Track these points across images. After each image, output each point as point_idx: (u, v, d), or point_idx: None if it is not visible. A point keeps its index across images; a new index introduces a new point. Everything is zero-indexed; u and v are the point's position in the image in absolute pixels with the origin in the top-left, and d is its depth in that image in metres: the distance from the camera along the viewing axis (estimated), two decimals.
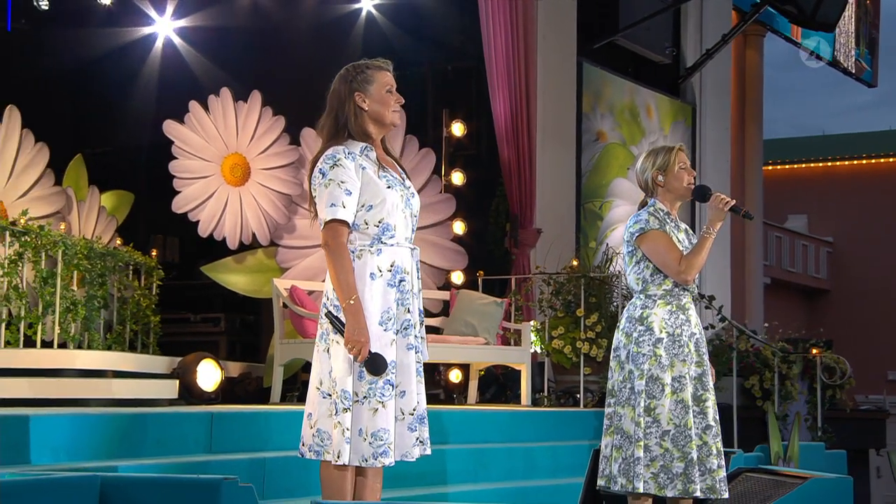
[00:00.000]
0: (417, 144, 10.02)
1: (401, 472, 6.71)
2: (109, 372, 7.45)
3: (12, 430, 5.17)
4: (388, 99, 4.50)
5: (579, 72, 11.99)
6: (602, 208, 12.38)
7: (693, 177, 5.45)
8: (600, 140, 12.34)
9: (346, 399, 4.22)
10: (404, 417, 4.34)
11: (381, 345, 4.26)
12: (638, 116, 13.06)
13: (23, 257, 8.21)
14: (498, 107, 10.77)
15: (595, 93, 12.36)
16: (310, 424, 4.33)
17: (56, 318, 8.51)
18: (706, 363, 5.31)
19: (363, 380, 4.23)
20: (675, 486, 5.13)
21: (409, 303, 4.43)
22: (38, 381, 6.83)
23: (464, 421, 7.86)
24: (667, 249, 5.26)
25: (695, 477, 5.13)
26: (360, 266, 4.32)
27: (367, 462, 4.25)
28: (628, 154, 12.83)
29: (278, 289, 8.79)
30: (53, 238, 8.47)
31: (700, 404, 5.25)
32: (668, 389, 5.17)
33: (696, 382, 5.25)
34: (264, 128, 9.47)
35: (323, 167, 4.35)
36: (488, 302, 9.73)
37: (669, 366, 5.19)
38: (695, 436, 5.18)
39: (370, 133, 4.47)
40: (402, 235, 4.46)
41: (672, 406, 5.16)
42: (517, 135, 10.81)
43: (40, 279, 8.37)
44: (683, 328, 5.26)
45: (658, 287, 5.29)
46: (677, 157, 5.43)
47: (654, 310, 5.26)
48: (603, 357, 10.02)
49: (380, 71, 4.52)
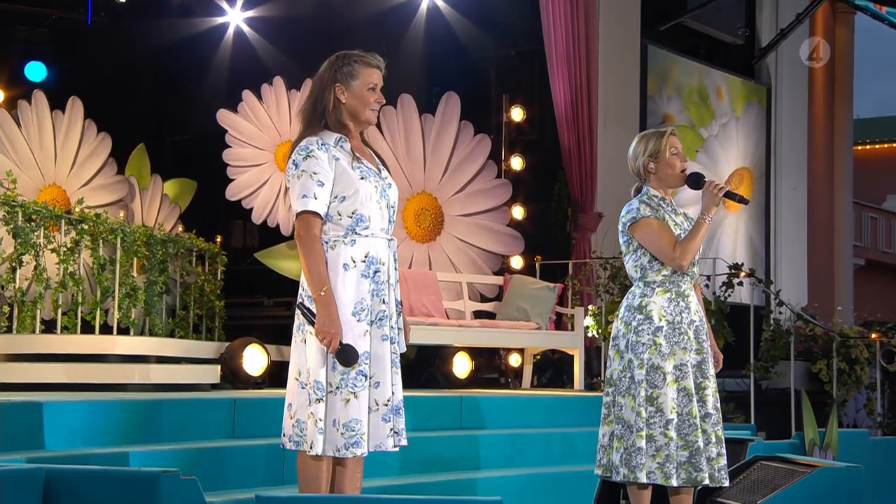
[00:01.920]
0: (472, 130, 10.09)
1: (432, 457, 6.86)
2: (152, 357, 7.63)
3: (29, 415, 5.30)
4: (368, 97, 4.47)
5: (644, 54, 11.92)
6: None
7: (685, 162, 5.38)
8: (666, 123, 12.25)
9: (319, 390, 4.26)
10: (378, 408, 4.35)
11: (354, 335, 4.27)
12: (707, 98, 12.93)
13: (79, 245, 8.46)
14: (558, 91, 10.77)
15: (661, 75, 12.28)
16: (290, 415, 4.35)
17: (115, 304, 8.78)
18: (706, 350, 5.24)
19: (336, 371, 4.26)
20: (680, 475, 5.09)
21: (384, 293, 4.40)
22: (74, 366, 7.01)
23: (502, 406, 7.90)
24: (660, 236, 5.20)
25: (702, 465, 5.09)
26: (334, 257, 4.32)
27: (339, 452, 4.27)
28: (697, 136, 12.71)
29: None
30: (111, 226, 8.71)
31: (700, 392, 5.20)
32: (670, 378, 5.12)
33: (695, 370, 5.19)
34: None
35: (296, 158, 4.36)
36: (541, 287, 9.78)
37: (670, 354, 5.14)
38: (699, 424, 5.17)
39: (346, 125, 4.46)
40: (377, 226, 4.43)
41: (674, 395, 5.11)
42: (577, 119, 10.80)
43: (97, 266, 8.62)
44: (683, 315, 5.21)
45: (657, 274, 5.23)
46: (669, 142, 5.34)
47: (654, 298, 5.21)
48: None
49: (367, 67, 4.49)
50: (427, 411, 7.36)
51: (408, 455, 6.72)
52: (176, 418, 5.98)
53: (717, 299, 9.82)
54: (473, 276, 10.04)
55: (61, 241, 8.32)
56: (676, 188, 5.48)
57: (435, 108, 10.18)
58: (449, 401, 7.58)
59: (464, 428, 7.49)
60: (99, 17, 12.77)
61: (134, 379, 7.12)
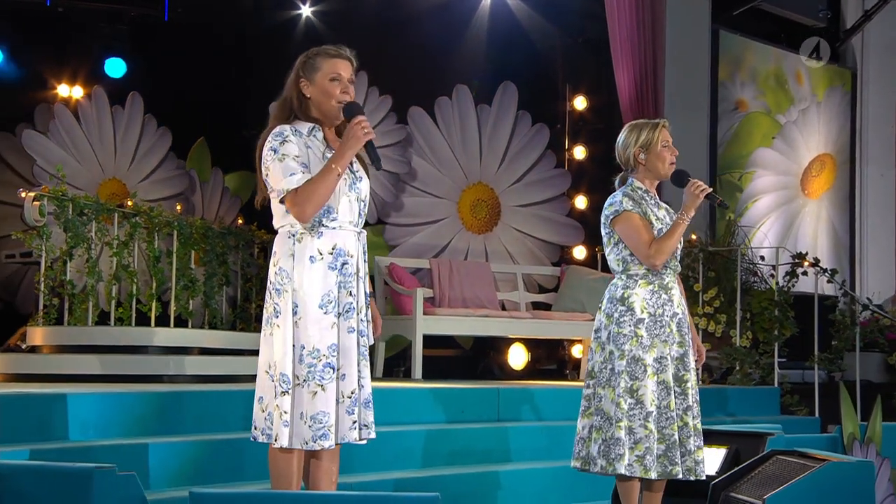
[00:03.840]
0: (530, 120, 10.02)
1: (461, 449, 6.83)
2: (195, 349, 7.73)
3: (49, 406, 5.39)
4: (331, 88, 4.39)
5: (714, 40, 11.69)
6: (742, 179, 12.05)
7: (675, 156, 5.29)
8: (740, 109, 12.01)
9: (284, 382, 4.24)
10: (343, 400, 4.31)
11: (320, 327, 4.25)
12: (786, 83, 12.63)
13: (133, 238, 8.63)
14: (622, 78, 10.62)
15: (734, 60, 12.03)
16: (261, 408, 4.33)
17: (172, 296, 8.94)
18: (688, 343, 5.20)
19: (303, 363, 4.24)
20: (657, 467, 5.06)
21: (351, 286, 4.36)
22: (109, 357, 7.13)
23: (543, 398, 7.82)
24: (638, 233, 5.14)
25: (676, 459, 5.07)
26: (300, 249, 4.30)
27: (307, 445, 4.24)
28: (774, 123, 12.43)
29: (379, 266, 8.98)
30: (166, 218, 8.87)
31: (681, 385, 5.16)
32: (651, 370, 5.09)
33: (677, 363, 5.15)
34: (371, 108, 9.64)
35: (273, 144, 4.31)
36: (597, 278, 9.67)
37: (651, 346, 5.11)
38: (676, 417, 5.12)
39: (316, 118, 4.43)
40: (345, 218, 4.39)
41: (654, 387, 5.08)
42: (642, 106, 10.63)
43: (153, 258, 8.78)
44: (665, 308, 5.15)
45: (639, 266, 5.18)
46: (661, 134, 5.27)
47: (636, 290, 5.16)
48: (722, 332, 9.84)
49: (328, 59, 4.42)
50: (462, 403, 7.34)
51: (435, 447, 6.75)
52: (195, 410, 6.00)
53: (781, 289, 9.60)
54: (529, 267, 9.98)
55: (114, 235, 8.49)
56: (661, 180, 5.40)
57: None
58: (486, 392, 7.53)
59: (501, 420, 7.44)
60: (175, 12, 12.97)
61: (175, 370, 7.20)
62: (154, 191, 9.46)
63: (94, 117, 10.47)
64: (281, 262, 4.35)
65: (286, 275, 4.32)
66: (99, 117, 10.41)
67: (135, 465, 5.31)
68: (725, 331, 9.78)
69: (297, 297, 4.29)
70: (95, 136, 10.43)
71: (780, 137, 12.55)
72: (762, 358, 9.63)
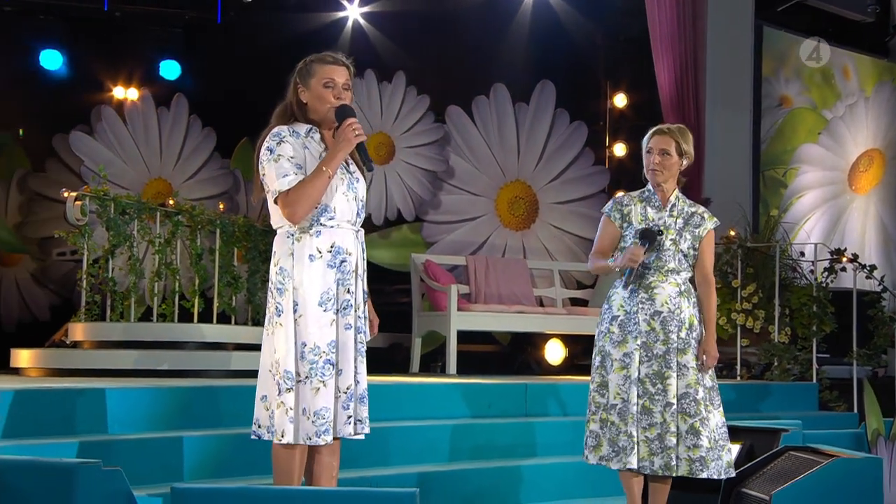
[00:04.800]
0: (568, 118, 10.10)
1: (487, 444, 6.92)
2: (230, 344, 7.90)
3: (84, 400, 5.57)
4: (325, 94, 4.51)
5: (758, 36, 11.67)
6: (786, 175, 12.02)
7: (654, 164, 5.49)
8: (784, 105, 11.98)
9: (288, 379, 4.35)
10: (339, 395, 4.43)
11: (320, 324, 4.36)
12: (832, 79, 12.56)
13: (175, 236, 8.83)
14: (662, 74, 10.65)
15: (778, 56, 12.00)
16: (264, 406, 4.45)
17: (215, 293, 9.14)
18: (674, 341, 5.30)
19: (304, 360, 4.36)
20: (620, 459, 5.28)
21: (349, 283, 4.47)
22: (147, 352, 7.31)
23: (571, 393, 7.88)
24: (598, 236, 5.53)
25: (634, 452, 5.26)
26: (300, 248, 4.41)
27: (310, 440, 4.36)
28: (819, 118, 12.38)
29: (415, 263, 9.12)
30: (208, 216, 9.06)
31: (662, 381, 5.28)
32: (617, 365, 5.30)
33: (660, 360, 5.28)
34: (409, 107, 9.78)
35: (270, 144, 4.44)
36: None
37: (621, 342, 5.31)
38: (648, 413, 5.26)
39: (314, 122, 4.55)
40: (343, 218, 4.50)
41: (619, 381, 5.29)
42: (682, 103, 10.66)
43: (195, 255, 8.98)
44: (642, 306, 5.31)
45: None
46: (650, 140, 5.55)
47: (618, 289, 5.40)
48: (760, 328, 9.84)
49: (322, 65, 4.55)
50: (489, 398, 7.43)
51: (460, 441, 6.84)
52: (230, 405, 6.13)
53: (820, 285, 9.59)
54: (566, 264, 10.06)
55: (156, 233, 8.71)
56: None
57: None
58: (513, 388, 7.61)
59: (528, 415, 7.52)
60: (229, 15, 13.19)
61: (212, 365, 7.38)
62: (198, 190, 9.69)
63: (141, 119, 10.72)
64: (281, 261, 4.46)
65: (286, 274, 4.43)
66: (145, 118, 10.66)
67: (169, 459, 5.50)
68: (764, 327, 9.79)
69: (298, 295, 4.40)
70: (141, 137, 10.68)
71: (826, 133, 12.49)
72: (801, 354, 9.63)
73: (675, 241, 5.37)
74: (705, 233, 5.43)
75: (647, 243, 5.28)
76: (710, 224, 5.47)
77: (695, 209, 5.50)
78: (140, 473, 5.14)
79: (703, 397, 5.30)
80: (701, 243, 5.42)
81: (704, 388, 5.32)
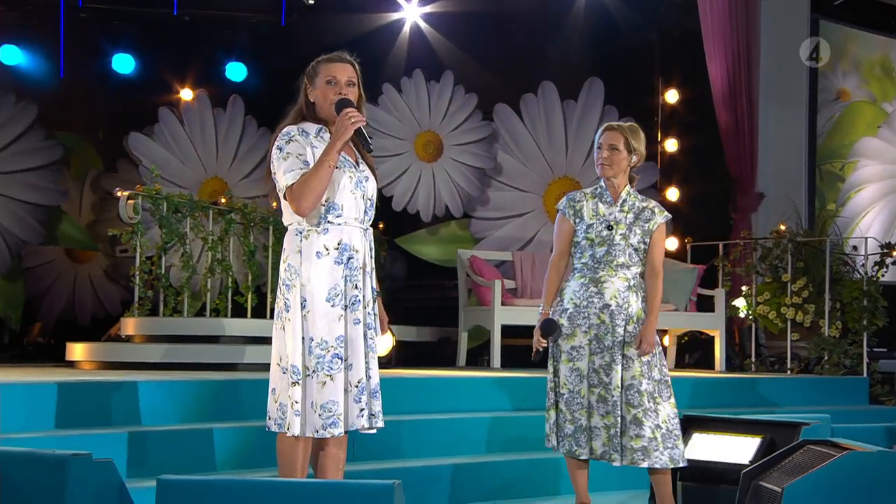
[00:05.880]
0: (617, 115, 10.16)
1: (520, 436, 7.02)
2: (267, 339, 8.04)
3: (115, 393, 5.75)
4: (328, 91, 4.62)
5: (814, 29, 11.61)
6: (844, 169, 11.95)
7: (604, 159, 5.55)
8: (841, 99, 11.91)
9: (295, 374, 4.47)
10: (351, 389, 4.53)
11: (328, 320, 4.46)
12: (892, 72, 12.45)
13: (228, 233, 9.06)
14: (715, 69, 10.67)
15: (835, 50, 11.92)
16: (274, 399, 4.57)
17: (269, 288, 9.36)
18: (619, 335, 5.44)
19: (312, 355, 4.46)
20: (564, 446, 5.55)
21: (357, 279, 4.56)
22: (175, 346, 7.53)
23: None
24: (555, 236, 5.69)
25: (582, 442, 5.49)
26: (307, 246, 4.51)
27: (318, 433, 4.46)
28: (879, 111, 12.28)
29: (461, 258, 9.26)
30: (261, 214, 9.28)
31: (608, 373, 5.44)
32: (565, 357, 5.53)
33: (610, 352, 5.44)
34: (457, 105, 9.93)
35: (279, 143, 4.56)
36: (681, 269, 9.77)
37: (571, 335, 5.52)
38: (590, 404, 5.46)
39: (323, 121, 4.66)
40: (350, 215, 4.57)
41: (567, 372, 5.52)
42: (735, 98, 10.67)
43: (248, 252, 9.21)
44: (592, 300, 5.48)
45: (578, 261, 5.60)
46: (601, 136, 5.61)
47: (570, 282, 5.60)
48: (811, 322, 9.83)
49: (327, 64, 4.69)
50: (524, 391, 7.53)
51: (495, 434, 6.96)
52: (254, 398, 6.18)
53: (870, 279, 9.55)
54: None
55: (209, 230, 8.95)
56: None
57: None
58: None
59: None
60: (292, 18, 13.44)
61: (242, 359, 7.58)
62: (254, 188, 9.93)
63: (197, 119, 11.01)
64: (290, 258, 4.57)
65: (294, 270, 4.54)
66: (201, 119, 10.94)
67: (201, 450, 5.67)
68: (814, 321, 9.77)
69: (306, 291, 4.50)
70: (198, 138, 10.96)
71: (886, 126, 12.38)
72: (852, 348, 9.60)
73: (625, 235, 5.51)
74: (655, 227, 5.56)
75: (548, 335, 5.54)
76: (661, 218, 5.58)
77: (646, 204, 5.63)
78: (171, 464, 5.34)
79: (647, 389, 5.42)
80: (651, 237, 5.55)
81: (651, 381, 5.44)
